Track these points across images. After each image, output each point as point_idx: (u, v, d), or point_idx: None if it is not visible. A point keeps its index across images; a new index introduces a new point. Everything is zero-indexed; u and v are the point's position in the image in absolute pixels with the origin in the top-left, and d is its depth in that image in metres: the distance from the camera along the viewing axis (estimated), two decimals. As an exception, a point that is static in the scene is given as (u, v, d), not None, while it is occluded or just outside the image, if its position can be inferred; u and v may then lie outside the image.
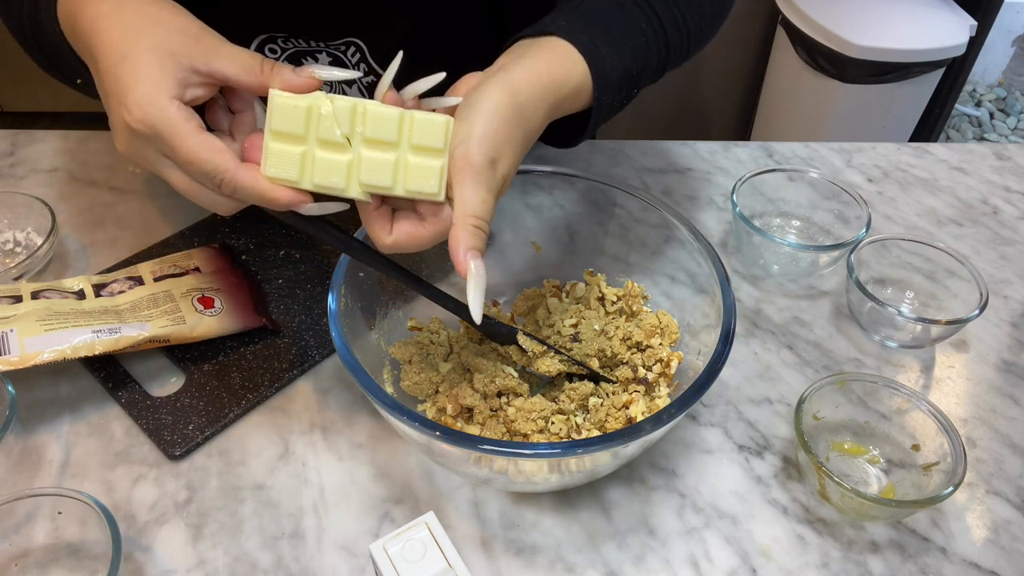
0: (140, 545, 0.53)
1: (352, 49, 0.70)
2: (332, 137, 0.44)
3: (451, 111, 0.48)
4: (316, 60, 0.71)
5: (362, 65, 0.71)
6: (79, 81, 0.56)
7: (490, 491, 0.57)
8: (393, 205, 0.48)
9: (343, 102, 0.44)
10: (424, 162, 0.45)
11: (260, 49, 0.70)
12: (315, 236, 0.50)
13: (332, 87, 0.72)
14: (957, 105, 2.37)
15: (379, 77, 0.71)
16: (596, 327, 0.59)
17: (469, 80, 0.50)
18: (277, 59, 0.70)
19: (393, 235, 0.47)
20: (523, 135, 0.49)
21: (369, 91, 0.74)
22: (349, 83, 0.73)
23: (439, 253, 0.67)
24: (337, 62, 0.71)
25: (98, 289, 0.64)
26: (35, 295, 0.62)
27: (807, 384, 0.61)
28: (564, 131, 0.59)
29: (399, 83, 0.47)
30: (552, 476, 0.51)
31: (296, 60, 0.72)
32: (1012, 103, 2.46)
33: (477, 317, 0.47)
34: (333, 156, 0.44)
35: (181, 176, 0.46)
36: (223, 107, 0.48)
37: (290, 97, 0.43)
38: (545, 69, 0.51)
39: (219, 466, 0.58)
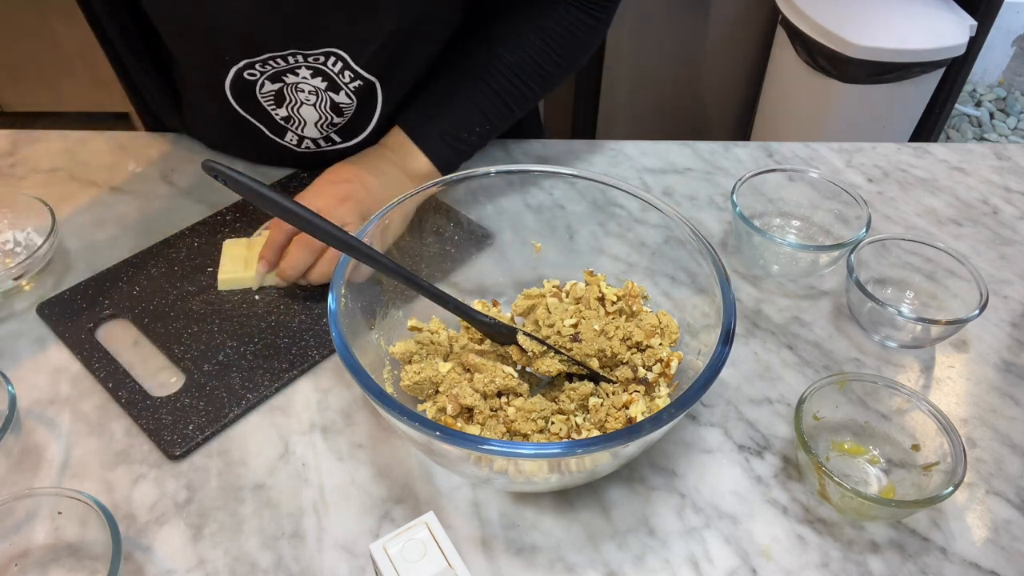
0: (140, 545, 0.53)
1: (333, 59, 0.70)
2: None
3: None
4: (297, 75, 0.71)
5: (347, 73, 0.71)
6: None
7: (490, 491, 0.57)
8: None
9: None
10: None
11: (239, 75, 0.70)
12: (315, 235, 0.50)
13: (318, 96, 0.74)
14: (957, 105, 2.37)
15: (365, 82, 0.73)
16: (596, 327, 0.59)
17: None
18: (256, 81, 0.71)
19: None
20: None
21: (357, 96, 0.74)
22: (336, 90, 0.73)
23: (438, 253, 0.68)
24: (318, 74, 0.71)
25: None
26: None
27: (807, 384, 0.61)
28: None
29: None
30: (552, 476, 0.51)
31: (276, 79, 0.71)
32: (1012, 103, 2.46)
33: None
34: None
35: None
36: None
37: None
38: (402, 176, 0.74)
39: (219, 466, 0.58)
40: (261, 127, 0.77)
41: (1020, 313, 0.73)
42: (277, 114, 0.75)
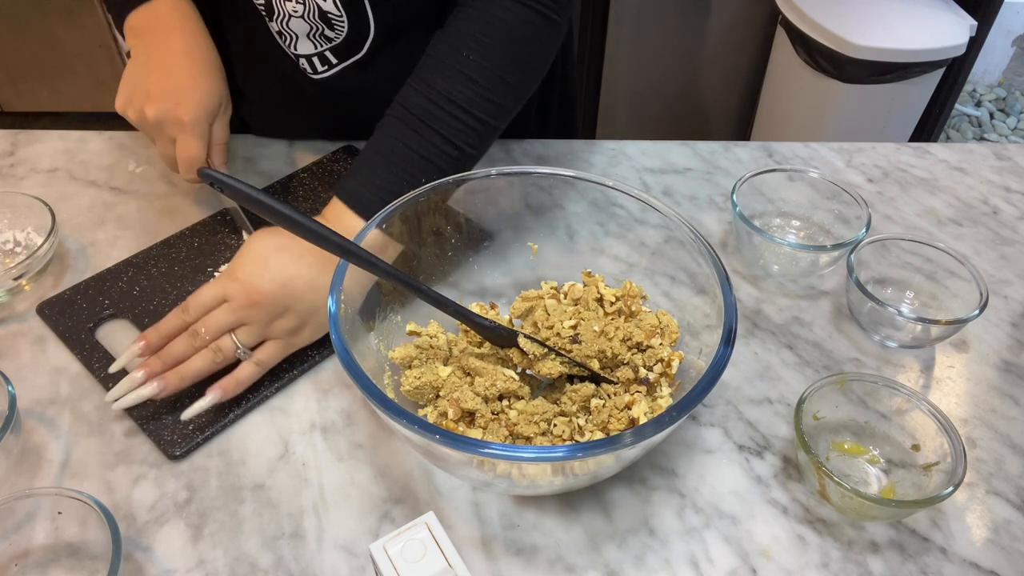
0: (140, 545, 0.53)
1: None
2: None
3: None
4: None
5: None
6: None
7: (490, 491, 0.57)
8: None
9: None
10: None
11: None
12: (313, 242, 0.50)
13: (305, 6, 0.71)
14: (957, 105, 2.37)
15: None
16: (595, 328, 0.59)
17: None
18: None
19: None
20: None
21: (344, 5, 0.71)
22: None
23: (437, 255, 0.67)
24: None
25: None
26: None
27: (807, 384, 0.61)
28: None
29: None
30: (556, 479, 0.51)
31: None
32: (1012, 103, 2.46)
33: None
34: None
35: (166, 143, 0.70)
36: None
37: None
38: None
39: (219, 466, 0.58)
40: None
41: (1020, 313, 0.73)
42: (271, 28, 0.75)
